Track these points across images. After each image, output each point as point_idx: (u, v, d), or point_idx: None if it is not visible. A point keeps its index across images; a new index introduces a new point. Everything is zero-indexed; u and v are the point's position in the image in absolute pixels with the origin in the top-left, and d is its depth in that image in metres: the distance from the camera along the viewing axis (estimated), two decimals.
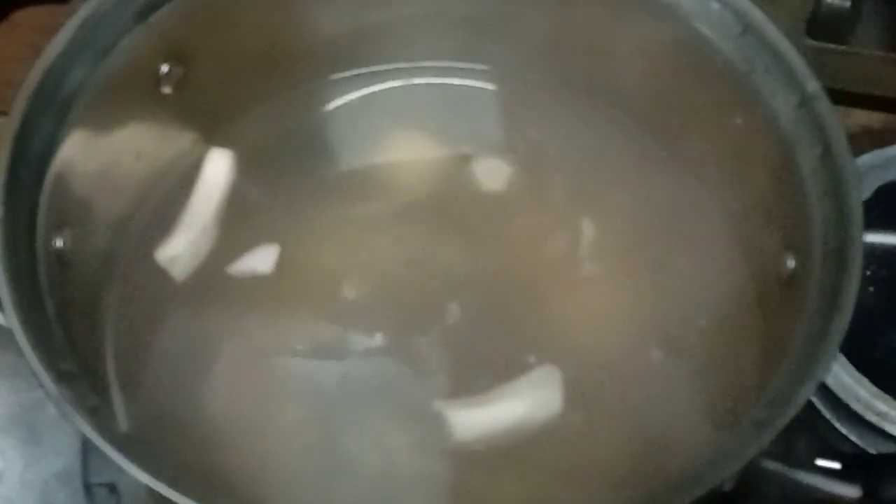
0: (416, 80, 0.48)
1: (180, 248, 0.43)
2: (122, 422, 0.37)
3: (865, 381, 0.52)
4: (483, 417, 0.38)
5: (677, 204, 0.40)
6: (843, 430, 0.54)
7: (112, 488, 0.47)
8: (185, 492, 0.35)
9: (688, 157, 0.42)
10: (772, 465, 0.39)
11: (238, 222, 0.43)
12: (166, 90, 0.45)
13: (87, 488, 0.47)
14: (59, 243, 0.40)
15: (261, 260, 0.42)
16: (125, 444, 0.36)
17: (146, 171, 0.45)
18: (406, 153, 0.46)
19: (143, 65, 0.44)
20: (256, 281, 0.39)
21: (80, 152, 0.42)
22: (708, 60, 0.44)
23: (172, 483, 0.35)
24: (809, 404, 0.37)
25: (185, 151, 0.46)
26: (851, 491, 0.39)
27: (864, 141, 0.60)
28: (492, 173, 0.44)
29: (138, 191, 0.44)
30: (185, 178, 0.45)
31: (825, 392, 0.53)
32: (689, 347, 0.38)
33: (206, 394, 0.38)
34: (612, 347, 0.39)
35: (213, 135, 0.47)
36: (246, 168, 0.45)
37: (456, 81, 0.48)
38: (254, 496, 0.36)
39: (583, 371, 0.38)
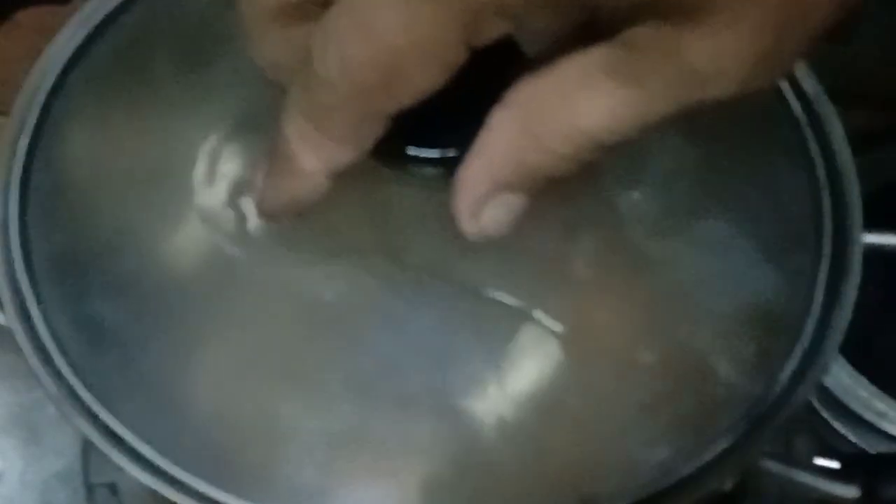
0: None
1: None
2: (123, 420, 0.37)
3: (864, 380, 0.53)
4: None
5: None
6: (842, 430, 0.54)
7: (113, 488, 0.47)
8: (186, 492, 0.35)
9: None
10: (771, 465, 0.39)
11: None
12: None
13: (88, 488, 0.47)
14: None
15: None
16: (125, 444, 0.36)
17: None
18: None
19: None
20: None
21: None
22: None
23: (172, 483, 0.35)
24: (808, 404, 0.37)
25: None
26: (850, 491, 0.39)
27: (863, 140, 0.61)
28: None
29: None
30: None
31: (824, 392, 0.53)
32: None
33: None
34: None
35: None
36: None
37: None
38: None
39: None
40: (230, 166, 0.40)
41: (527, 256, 0.39)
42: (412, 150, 0.35)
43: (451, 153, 0.34)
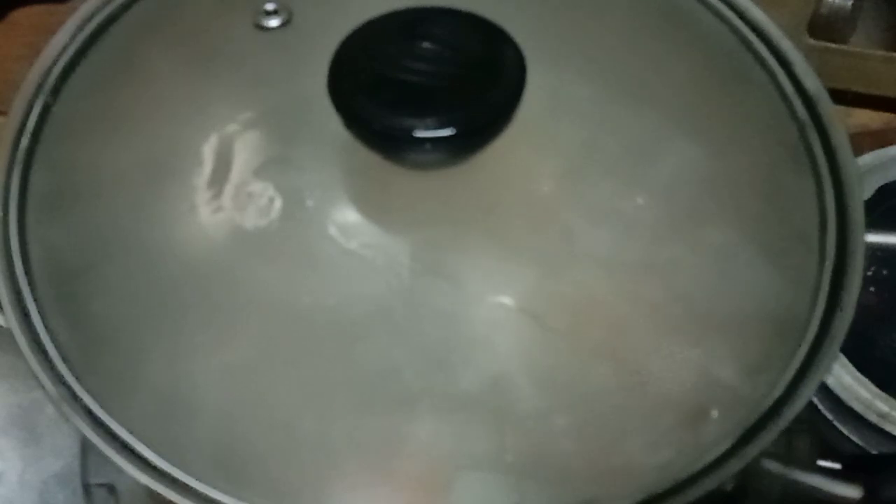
0: None
1: None
2: (122, 421, 0.37)
3: (866, 381, 0.52)
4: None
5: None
6: (844, 431, 0.54)
7: (111, 489, 0.47)
8: (185, 492, 0.35)
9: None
10: (772, 466, 0.39)
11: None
12: None
13: (86, 489, 0.47)
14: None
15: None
16: (124, 445, 0.36)
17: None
18: None
19: None
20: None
21: None
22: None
23: (171, 484, 0.35)
24: (810, 405, 0.37)
25: None
26: (852, 491, 0.39)
27: (865, 141, 0.61)
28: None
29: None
30: None
31: (826, 392, 0.53)
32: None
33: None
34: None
35: None
36: None
37: None
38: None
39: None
40: (230, 167, 0.40)
41: (529, 258, 0.39)
42: (419, 132, 0.36)
43: (455, 131, 0.35)
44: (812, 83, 0.43)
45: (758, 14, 0.44)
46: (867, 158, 0.57)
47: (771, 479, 0.40)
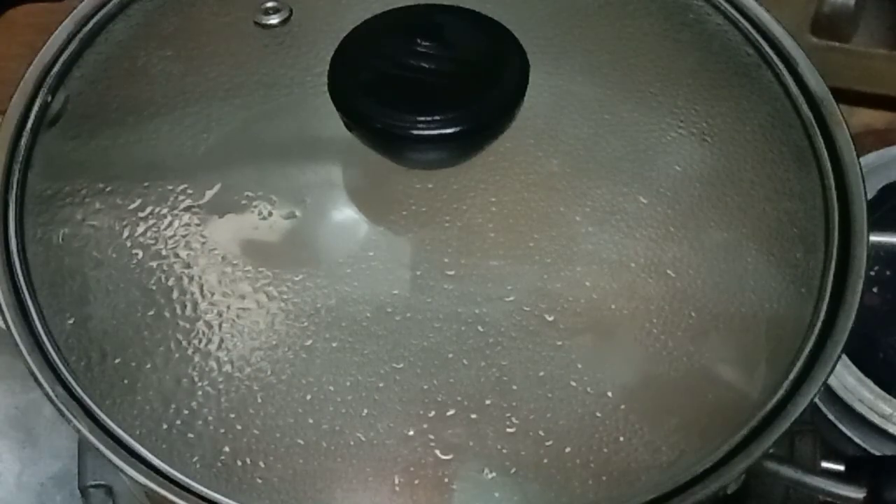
0: None
1: None
2: (121, 422, 0.37)
3: (869, 382, 0.52)
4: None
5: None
6: (847, 432, 0.54)
7: (109, 490, 0.47)
8: (183, 493, 0.35)
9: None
10: (775, 467, 0.39)
11: None
12: None
13: (84, 491, 0.47)
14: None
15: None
16: (123, 446, 0.36)
17: None
18: None
19: None
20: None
21: None
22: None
23: (170, 484, 0.35)
24: (813, 406, 0.37)
25: None
26: (855, 493, 0.39)
27: (868, 140, 0.61)
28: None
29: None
30: None
31: (829, 394, 0.53)
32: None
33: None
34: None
35: None
36: None
37: None
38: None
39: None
40: (230, 167, 0.40)
41: (532, 257, 0.39)
42: (420, 131, 0.36)
43: (457, 130, 0.35)
44: (815, 82, 0.42)
45: (761, 13, 0.44)
46: (870, 158, 0.57)
47: (774, 481, 0.40)
